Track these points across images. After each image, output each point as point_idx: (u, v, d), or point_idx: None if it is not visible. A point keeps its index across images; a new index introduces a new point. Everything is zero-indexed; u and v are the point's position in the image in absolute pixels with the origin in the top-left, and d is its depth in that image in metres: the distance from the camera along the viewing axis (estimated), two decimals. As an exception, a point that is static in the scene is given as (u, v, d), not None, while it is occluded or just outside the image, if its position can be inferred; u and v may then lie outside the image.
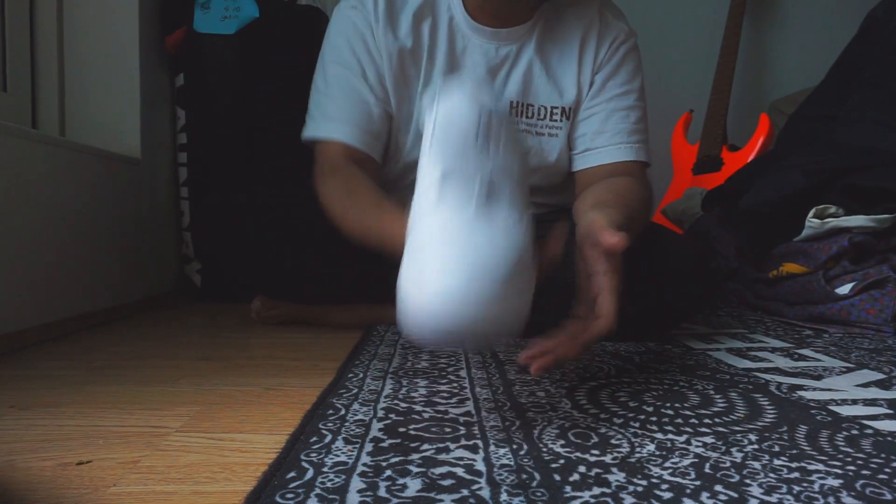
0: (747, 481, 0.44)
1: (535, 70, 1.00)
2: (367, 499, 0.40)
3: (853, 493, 0.42)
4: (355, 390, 0.66)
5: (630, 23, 1.04)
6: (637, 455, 0.48)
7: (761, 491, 0.42)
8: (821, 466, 0.46)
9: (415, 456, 0.48)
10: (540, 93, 1.00)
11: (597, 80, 1.00)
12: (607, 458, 0.48)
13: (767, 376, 0.75)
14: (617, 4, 1.05)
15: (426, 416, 0.58)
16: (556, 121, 1.01)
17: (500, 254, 0.49)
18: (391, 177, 1.04)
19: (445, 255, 0.49)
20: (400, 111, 0.99)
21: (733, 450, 0.50)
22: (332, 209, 0.86)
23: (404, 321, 0.50)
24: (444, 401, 0.63)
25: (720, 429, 0.55)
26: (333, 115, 0.96)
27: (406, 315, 0.50)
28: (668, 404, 0.62)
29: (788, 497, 0.41)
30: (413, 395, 0.65)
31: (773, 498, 0.41)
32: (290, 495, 0.41)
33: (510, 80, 1.00)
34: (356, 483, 0.43)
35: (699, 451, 0.50)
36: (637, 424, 0.56)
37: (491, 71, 0.99)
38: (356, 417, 0.57)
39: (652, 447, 0.50)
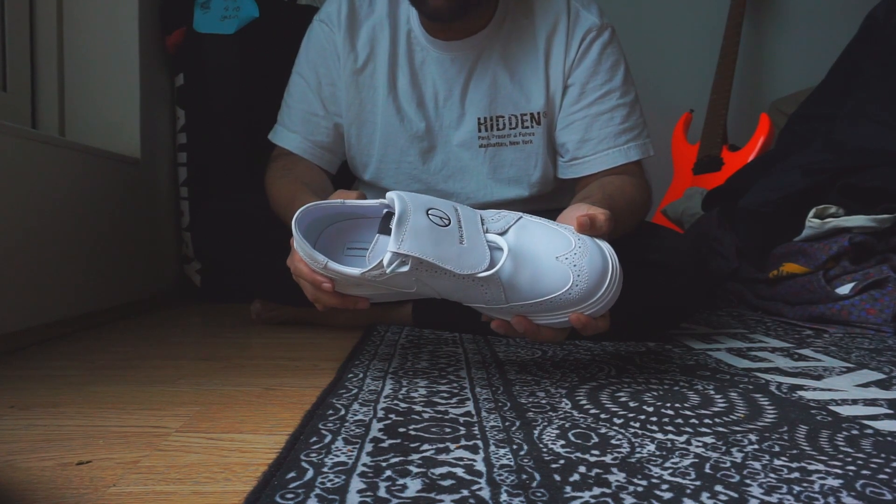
0: (747, 481, 0.44)
1: (499, 80, 0.97)
2: (367, 499, 0.40)
3: (853, 494, 0.42)
4: (355, 390, 0.66)
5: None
6: (637, 455, 0.48)
7: (761, 491, 0.42)
8: (821, 466, 0.46)
9: (415, 456, 0.48)
10: (507, 102, 0.98)
11: (573, 83, 0.96)
12: (607, 459, 0.48)
13: (767, 376, 0.75)
14: (617, 4, 1.03)
15: (426, 416, 0.58)
16: (527, 127, 0.99)
17: None
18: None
19: None
20: (360, 119, 1.01)
21: (733, 450, 0.50)
22: (267, 184, 0.99)
23: None
24: (444, 401, 0.63)
25: (720, 429, 0.55)
26: (288, 125, 1.04)
27: None
28: (669, 404, 0.62)
29: (789, 497, 0.41)
30: (413, 395, 0.65)
31: (774, 498, 0.41)
32: (289, 495, 0.41)
33: (473, 94, 0.98)
34: (356, 483, 0.43)
35: (699, 451, 0.50)
36: (637, 424, 0.56)
37: (449, 84, 0.98)
38: (356, 418, 0.57)
39: (652, 447, 0.50)
